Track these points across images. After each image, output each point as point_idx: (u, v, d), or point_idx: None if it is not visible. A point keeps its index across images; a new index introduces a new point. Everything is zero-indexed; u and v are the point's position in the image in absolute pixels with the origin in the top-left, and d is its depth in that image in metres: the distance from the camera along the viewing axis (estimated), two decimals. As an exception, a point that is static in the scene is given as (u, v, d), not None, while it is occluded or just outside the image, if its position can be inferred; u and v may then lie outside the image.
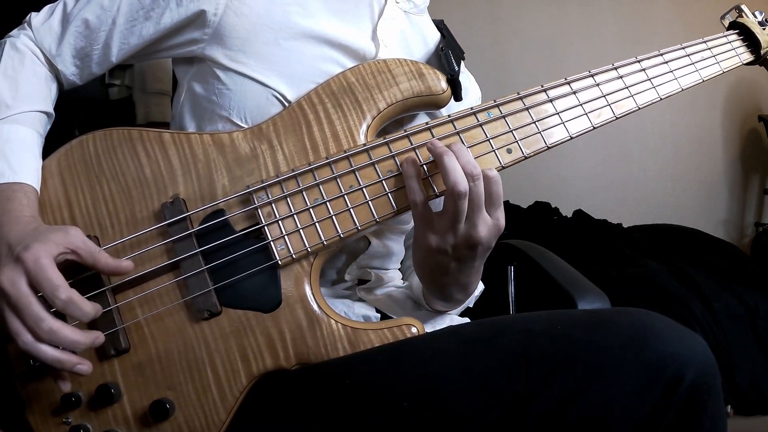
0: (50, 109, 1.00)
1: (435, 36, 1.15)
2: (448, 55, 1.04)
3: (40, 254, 0.78)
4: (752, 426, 2.36)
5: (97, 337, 0.83)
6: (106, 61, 1.01)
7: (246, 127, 0.96)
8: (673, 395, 0.73)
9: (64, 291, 0.78)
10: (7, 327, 0.78)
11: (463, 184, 0.84)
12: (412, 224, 1.20)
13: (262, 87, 0.97)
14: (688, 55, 1.10)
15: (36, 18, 1.01)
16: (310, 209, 0.91)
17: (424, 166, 0.93)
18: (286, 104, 0.97)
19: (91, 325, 0.86)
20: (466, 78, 1.19)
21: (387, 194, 0.92)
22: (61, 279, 0.79)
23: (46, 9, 1.02)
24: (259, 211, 0.90)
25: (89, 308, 0.81)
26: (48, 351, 0.78)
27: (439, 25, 1.17)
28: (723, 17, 1.24)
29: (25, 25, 1.02)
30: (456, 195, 0.84)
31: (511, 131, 0.97)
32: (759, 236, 3.61)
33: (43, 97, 0.99)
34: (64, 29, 0.99)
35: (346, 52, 1.01)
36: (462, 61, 1.13)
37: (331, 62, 1.00)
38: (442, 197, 0.90)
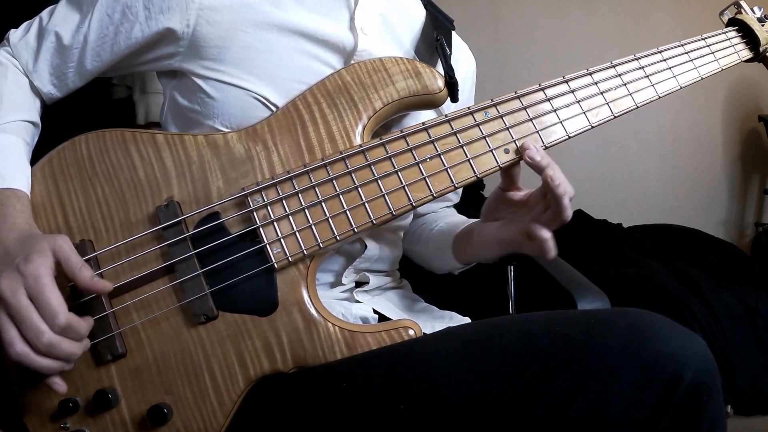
0: (36, 119, 1.01)
1: (419, 13, 1.15)
2: (443, 46, 1.04)
3: (40, 272, 0.78)
4: (752, 426, 2.36)
5: (87, 345, 0.83)
6: (82, 78, 1.02)
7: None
8: (672, 395, 0.73)
9: (62, 317, 0.78)
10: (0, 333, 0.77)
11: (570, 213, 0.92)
12: (408, 222, 1.20)
13: (244, 92, 0.97)
14: (687, 53, 1.10)
15: (14, 34, 1.03)
16: (306, 211, 0.90)
17: (420, 165, 0.93)
18: (271, 106, 0.97)
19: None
20: (458, 49, 1.20)
21: (383, 195, 0.91)
22: (61, 303, 0.78)
23: (24, 25, 1.04)
24: (255, 213, 0.90)
25: (85, 330, 0.81)
26: (42, 362, 0.78)
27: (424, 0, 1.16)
28: (722, 13, 1.23)
29: (5, 41, 1.03)
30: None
31: (509, 131, 0.96)
32: (759, 236, 3.61)
33: (28, 107, 0.99)
34: (39, 44, 1.00)
35: (324, 45, 1.01)
36: (453, 32, 1.14)
37: (310, 58, 1.00)
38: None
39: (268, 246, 0.89)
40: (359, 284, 1.09)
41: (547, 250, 0.93)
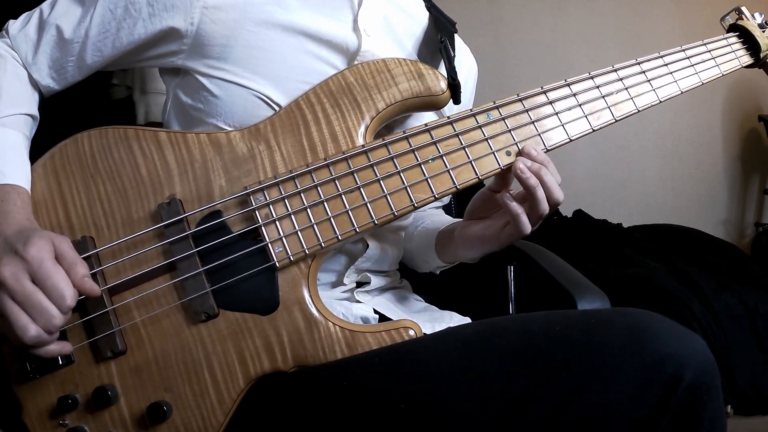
0: (35, 112, 1.00)
1: (422, 16, 1.15)
2: (447, 48, 1.04)
3: (42, 255, 0.79)
4: (752, 426, 2.36)
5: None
6: (82, 72, 1.02)
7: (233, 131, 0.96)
8: (672, 395, 0.73)
9: (70, 299, 0.79)
10: (9, 321, 0.78)
11: (547, 211, 0.95)
12: (409, 221, 1.21)
13: (247, 91, 0.97)
14: (688, 58, 1.10)
15: (13, 26, 1.02)
16: (308, 211, 0.90)
17: (422, 166, 0.93)
18: (274, 106, 0.97)
19: (87, 324, 0.88)
20: (460, 52, 1.20)
21: (385, 196, 0.92)
22: (68, 285, 0.80)
23: (23, 17, 1.03)
24: (257, 212, 0.90)
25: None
26: (53, 344, 0.81)
27: (426, 2, 1.17)
28: (723, 19, 1.24)
29: (3, 33, 1.03)
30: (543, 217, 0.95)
31: (511, 133, 0.97)
32: (759, 236, 3.61)
33: (27, 100, 0.99)
34: (39, 37, 1.00)
35: (328, 45, 1.01)
36: (455, 35, 1.14)
37: (314, 58, 1.00)
38: None
39: (269, 245, 0.89)
40: (360, 284, 1.09)
41: (520, 224, 0.94)
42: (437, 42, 1.07)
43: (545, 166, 0.95)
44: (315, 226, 0.90)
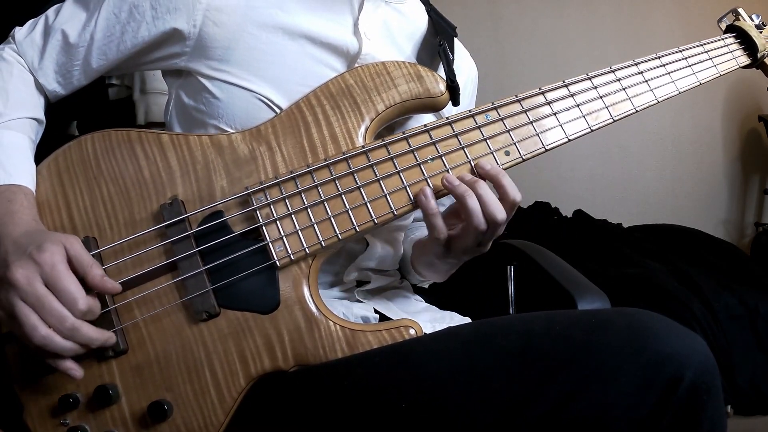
0: (41, 116, 1.01)
1: (422, 20, 1.16)
2: (446, 51, 1.04)
3: (55, 259, 0.80)
4: (752, 426, 2.36)
5: (110, 337, 0.85)
6: (87, 76, 1.03)
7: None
8: (672, 395, 0.73)
9: (82, 302, 0.80)
10: (19, 321, 0.78)
11: (482, 225, 0.90)
12: (409, 222, 1.21)
13: (249, 93, 0.98)
14: (685, 58, 1.11)
15: (19, 32, 1.03)
16: (309, 210, 0.91)
17: (422, 166, 0.93)
18: (275, 108, 0.98)
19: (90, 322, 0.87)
20: (460, 56, 1.20)
21: (385, 196, 0.92)
22: (79, 289, 0.80)
23: (29, 23, 1.04)
24: (258, 212, 0.90)
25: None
26: (65, 344, 0.80)
27: (426, 6, 1.17)
28: (720, 20, 1.24)
29: (10, 39, 1.03)
30: (479, 232, 0.91)
31: (509, 133, 0.97)
32: (759, 236, 3.61)
33: (33, 104, 1.00)
34: (45, 42, 1.00)
35: (329, 48, 1.02)
36: (455, 39, 1.15)
37: (315, 61, 1.01)
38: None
39: (270, 244, 0.89)
40: (360, 284, 1.09)
41: (430, 226, 0.93)
42: (436, 45, 1.08)
43: (500, 180, 0.92)
44: (315, 225, 0.90)
